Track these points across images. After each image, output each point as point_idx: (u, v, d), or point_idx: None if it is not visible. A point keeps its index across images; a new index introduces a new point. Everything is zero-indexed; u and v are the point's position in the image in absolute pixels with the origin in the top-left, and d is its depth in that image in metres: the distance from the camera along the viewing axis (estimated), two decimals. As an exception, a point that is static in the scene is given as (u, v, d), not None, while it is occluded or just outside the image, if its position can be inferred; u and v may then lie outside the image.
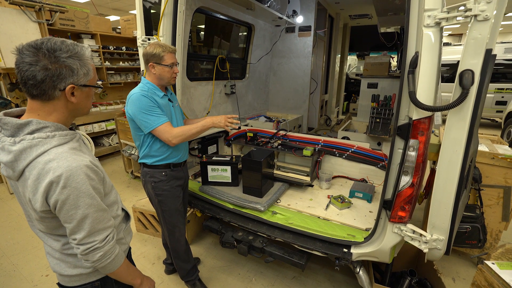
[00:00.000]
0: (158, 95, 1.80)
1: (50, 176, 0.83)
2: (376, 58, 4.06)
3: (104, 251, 0.96)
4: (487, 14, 1.10)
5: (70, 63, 0.87)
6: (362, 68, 8.66)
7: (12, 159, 0.85)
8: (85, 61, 0.91)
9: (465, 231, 2.10)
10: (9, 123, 0.86)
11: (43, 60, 0.83)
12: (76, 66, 0.88)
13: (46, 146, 0.86)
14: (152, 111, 1.70)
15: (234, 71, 3.66)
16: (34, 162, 0.85)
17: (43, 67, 0.83)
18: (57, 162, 0.85)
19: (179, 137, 1.74)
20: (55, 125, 0.90)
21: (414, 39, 1.35)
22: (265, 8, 3.05)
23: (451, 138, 1.30)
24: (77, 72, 0.89)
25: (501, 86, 7.16)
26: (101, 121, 5.09)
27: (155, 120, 1.70)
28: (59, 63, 0.85)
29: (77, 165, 0.87)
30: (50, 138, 0.88)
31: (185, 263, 2.15)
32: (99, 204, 0.94)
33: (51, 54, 0.84)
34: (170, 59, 1.77)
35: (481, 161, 2.29)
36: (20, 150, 0.84)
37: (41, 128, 0.88)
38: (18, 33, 3.85)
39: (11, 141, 0.85)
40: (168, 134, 1.72)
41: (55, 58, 0.84)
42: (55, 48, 0.85)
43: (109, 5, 10.71)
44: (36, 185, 0.85)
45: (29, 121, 0.87)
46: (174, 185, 1.94)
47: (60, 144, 0.90)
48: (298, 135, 2.97)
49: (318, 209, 2.20)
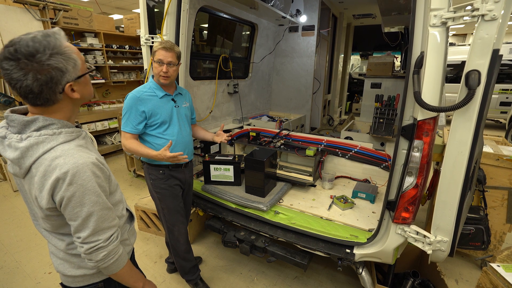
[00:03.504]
0: (156, 95, 1.79)
1: (57, 173, 0.83)
2: (380, 58, 4.04)
3: (108, 251, 0.95)
4: (495, 14, 1.08)
5: (55, 64, 0.82)
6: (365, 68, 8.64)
7: (18, 156, 0.85)
8: (66, 54, 0.84)
9: (469, 232, 2.08)
10: (16, 120, 0.86)
11: (29, 71, 0.78)
12: (62, 64, 0.83)
13: (52, 143, 0.86)
14: (127, 113, 1.75)
15: (237, 70, 3.66)
16: (40, 159, 0.85)
17: (34, 78, 0.79)
18: (63, 159, 0.85)
19: (128, 151, 1.83)
20: (61, 122, 0.90)
21: (420, 39, 1.33)
22: (268, 7, 3.04)
23: (456, 139, 1.29)
24: (66, 69, 0.85)
25: (505, 87, 7.11)
26: (104, 119, 5.11)
27: (124, 123, 1.76)
28: (45, 68, 0.80)
29: (84, 162, 0.87)
30: (56, 135, 0.88)
31: (185, 261, 2.15)
32: (104, 202, 0.94)
33: (32, 61, 0.78)
34: (159, 55, 1.71)
35: (486, 163, 2.27)
36: (26, 147, 0.84)
37: (47, 125, 0.88)
38: (22, 31, 3.84)
39: (18, 138, 0.85)
40: (124, 142, 1.79)
41: (38, 64, 0.79)
42: (32, 52, 0.78)
43: (112, 3, 10.73)
44: (43, 182, 0.85)
45: (36, 118, 0.87)
46: (172, 183, 1.94)
47: (66, 141, 0.90)
48: (301, 135, 2.96)
49: (321, 209, 2.19)
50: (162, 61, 1.72)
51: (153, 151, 1.72)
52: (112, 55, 5.84)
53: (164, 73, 1.74)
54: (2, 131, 0.88)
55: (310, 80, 4.11)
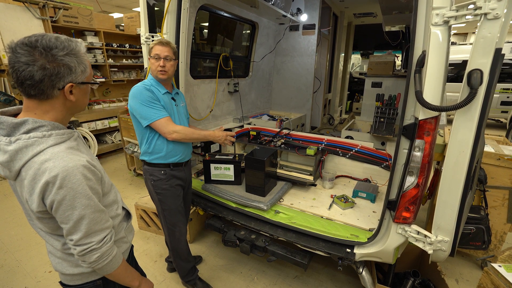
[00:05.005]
0: (160, 91, 1.79)
1: (46, 176, 0.82)
2: (381, 57, 4.03)
3: (101, 253, 0.94)
4: (498, 13, 1.07)
5: (68, 61, 0.85)
6: (365, 67, 8.62)
7: (8, 159, 0.83)
8: (81, 58, 0.90)
9: (470, 232, 2.08)
10: (5, 122, 0.85)
11: (40, 60, 0.80)
12: (73, 64, 0.87)
13: (42, 146, 0.85)
14: (152, 103, 1.70)
15: (237, 69, 3.65)
16: (30, 162, 0.84)
17: (41, 66, 0.80)
18: (53, 162, 0.83)
19: (178, 133, 1.75)
20: (51, 124, 0.89)
21: (422, 38, 1.32)
22: (269, 6, 3.03)
23: (458, 139, 1.28)
24: (75, 70, 0.87)
25: (506, 86, 7.09)
26: (104, 118, 5.11)
27: (155, 113, 1.70)
28: (57, 62, 0.83)
29: (74, 165, 0.86)
30: (46, 138, 0.86)
31: (186, 262, 2.14)
32: (96, 205, 0.92)
33: (47, 52, 0.81)
34: (156, 50, 1.72)
35: (487, 162, 2.26)
36: (15, 150, 0.83)
37: (37, 127, 0.86)
38: (22, 29, 3.86)
39: (6, 141, 0.84)
40: (170, 127, 1.72)
41: (52, 57, 0.82)
42: (51, 46, 0.82)
43: (112, 2, 10.71)
44: (33, 185, 0.84)
45: (25, 120, 0.85)
46: (173, 184, 1.93)
47: (56, 143, 0.88)
48: (301, 134, 2.96)
49: (321, 208, 2.19)
50: (159, 55, 1.72)
51: (213, 131, 1.95)
52: (112, 53, 5.84)
53: (161, 67, 1.74)
54: None
55: (310, 79, 4.10)
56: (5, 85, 4.32)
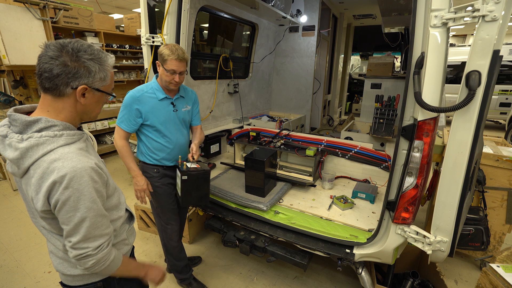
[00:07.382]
0: (156, 96, 1.79)
1: (54, 176, 0.83)
2: (380, 59, 4.04)
3: (96, 259, 0.93)
4: (495, 15, 1.08)
5: (90, 65, 0.89)
6: (365, 68, 8.64)
7: (18, 156, 0.84)
8: (105, 67, 0.93)
9: (468, 233, 2.09)
10: (18, 119, 0.86)
11: (64, 57, 0.85)
12: (94, 69, 0.90)
13: (52, 145, 0.86)
14: (125, 109, 1.76)
15: (237, 70, 3.65)
16: (39, 160, 0.84)
17: (63, 62, 0.84)
18: (62, 162, 0.84)
19: (117, 148, 1.85)
20: (63, 124, 0.90)
21: (420, 40, 1.33)
22: (269, 7, 3.04)
23: (456, 140, 1.29)
24: (93, 75, 0.90)
25: (505, 88, 7.12)
26: (104, 119, 5.11)
27: (120, 119, 1.79)
28: (79, 62, 0.87)
29: (82, 167, 0.86)
30: (57, 137, 0.87)
31: (177, 260, 2.16)
32: (99, 209, 0.92)
33: (74, 53, 0.86)
34: (172, 66, 1.69)
35: (485, 163, 2.27)
36: (26, 148, 0.84)
37: (49, 127, 0.87)
38: (22, 30, 3.86)
39: (18, 138, 0.85)
40: (116, 137, 1.82)
41: (77, 57, 0.86)
42: (80, 49, 0.87)
43: (112, 3, 10.73)
44: (40, 184, 0.84)
45: (38, 118, 0.86)
46: (166, 182, 1.96)
47: (67, 143, 0.89)
48: (301, 135, 2.96)
49: (321, 209, 2.20)
50: (175, 71, 1.71)
51: (136, 170, 1.84)
52: (112, 54, 5.84)
53: (176, 82, 1.75)
54: (4, 130, 0.87)
55: (310, 80, 4.11)
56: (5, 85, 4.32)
